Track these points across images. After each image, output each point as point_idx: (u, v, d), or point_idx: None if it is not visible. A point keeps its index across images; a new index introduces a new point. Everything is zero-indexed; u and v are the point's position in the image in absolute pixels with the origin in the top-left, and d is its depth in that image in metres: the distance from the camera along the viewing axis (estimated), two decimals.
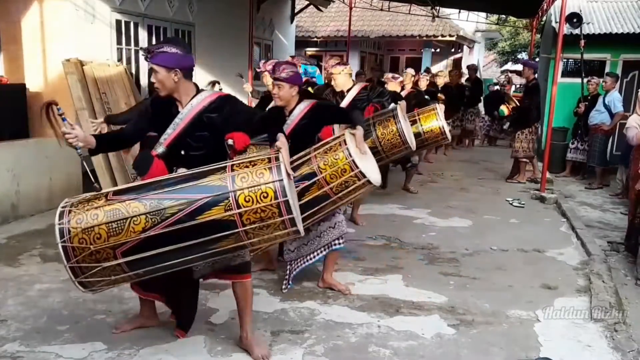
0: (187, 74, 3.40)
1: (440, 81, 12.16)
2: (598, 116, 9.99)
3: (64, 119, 3.22)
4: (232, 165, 3.03)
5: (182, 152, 3.42)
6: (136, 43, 8.97)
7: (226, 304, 4.35)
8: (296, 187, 3.93)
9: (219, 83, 7.54)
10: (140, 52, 3.34)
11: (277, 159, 3.02)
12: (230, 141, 3.53)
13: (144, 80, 8.96)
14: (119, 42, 8.61)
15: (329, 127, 4.69)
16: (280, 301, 4.52)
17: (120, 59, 8.55)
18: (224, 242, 2.99)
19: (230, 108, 3.43)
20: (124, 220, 2.92)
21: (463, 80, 14.30)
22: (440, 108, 7.82)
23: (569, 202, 8.62)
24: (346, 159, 4.16)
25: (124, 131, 3.62)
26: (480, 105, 14.85)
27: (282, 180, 2.93)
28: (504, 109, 10.86)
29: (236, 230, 2.94)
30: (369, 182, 4.25)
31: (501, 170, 11.12)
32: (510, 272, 5.45)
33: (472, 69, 15.41)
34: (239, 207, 2.90)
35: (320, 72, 12.20)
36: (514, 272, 5.46)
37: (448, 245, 6.22)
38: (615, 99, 9.88)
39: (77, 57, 7.35)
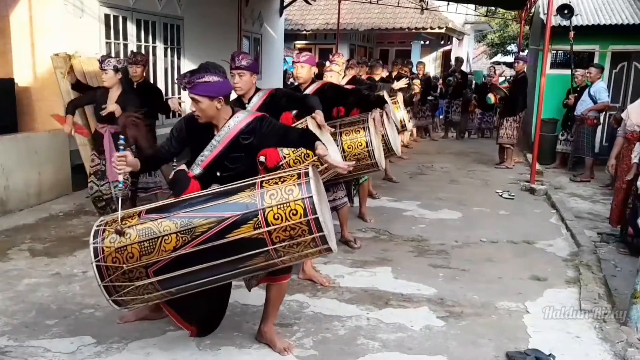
0: (228, 99, 3.42)
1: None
2: (582, 107, 10.02)
3: (120, 149, 3.23)
4: (262, 182, 3.02)
5: (218, 174, 3.41)
6: (125, 37, 8.92)
7: None
8: None
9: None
10: (177, 82, 3.33)
11: (306, 174, 2.99)
12: (262, 158, 3.54)
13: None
14: (107, 36, 8.55)
15: (288, 113, 4.66)
16: None
17: (109, 53, 8.50)
18: (254, 260, 2.98)
19: (265, 128, 3.43)
20: (156, 239, 2.94)
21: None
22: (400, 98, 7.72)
23: (559, 193, 8.64)
24: None
25: (160, 151, 3.61)
26: None
27: (311, 197, 2.90)
28: (491, 97, 10.98)
29: (266, 249, 2.94)
30: (332, 166, 4.24)
31: (491, 162, 11.20)
32: (499, 263, 5.47)
33: (459, 60, 15.55)
34: (268, 225, 2.90)
35: None
36: (503, 263, 5.48)
37: (437, 237, 6.23)
38: (600, 89, 9.91)
39: (65, 52, 7.30)
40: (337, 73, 6.15)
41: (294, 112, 4.83)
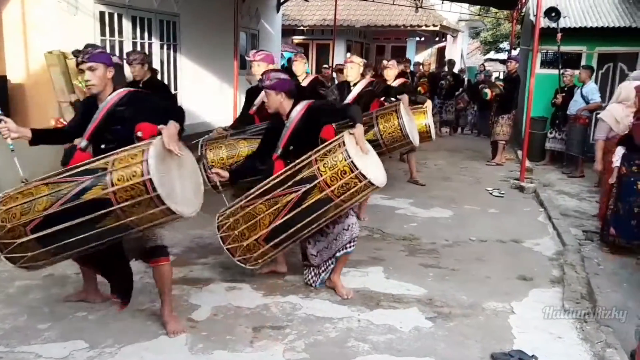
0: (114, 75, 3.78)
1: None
2: (575, 107, 10.28)
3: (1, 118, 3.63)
4: (118, 152, 3.37)
5: (103, 146, 3.71)
6: (120, 34, 8.95)
7: (208, 300, 4.41)
8: (297, 190, 4.02)
9: None
10: (75, 55, 3.73)
11: (149, 148, 3.30)
12: (139, 133, 3.75)
13: (127, 73, 8.93)
14: (102, 33, 8.58)
15: (329, 126, 4.66)
16: (262, 296, 4.56)
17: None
18: (106, 220, 3.32)
19: (138, 102, 3.76)
20: (32, 201, 3.36)
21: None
22: (429, 106, 7.92)
23: (547, 191, 8.78)
24: (345, 160, 3.98)
25: (63, 129, 4.04)
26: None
27: (148, 160, 3.22)
28: (488, 92, 11.01)
29: (113, 208, 3.27)
30: (370, 183, 4.04)
31: (483, 159, 11.33)
32: (488, 263, 5.55)
33: (451, 62, 15.74)
34: (113, 185, 3.24)
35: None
36: (492, 263, 5.55)
37: (429, 236, 6.30)
38: (592, 89, 10.20)
39: (59, 49, 7.31)
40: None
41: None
